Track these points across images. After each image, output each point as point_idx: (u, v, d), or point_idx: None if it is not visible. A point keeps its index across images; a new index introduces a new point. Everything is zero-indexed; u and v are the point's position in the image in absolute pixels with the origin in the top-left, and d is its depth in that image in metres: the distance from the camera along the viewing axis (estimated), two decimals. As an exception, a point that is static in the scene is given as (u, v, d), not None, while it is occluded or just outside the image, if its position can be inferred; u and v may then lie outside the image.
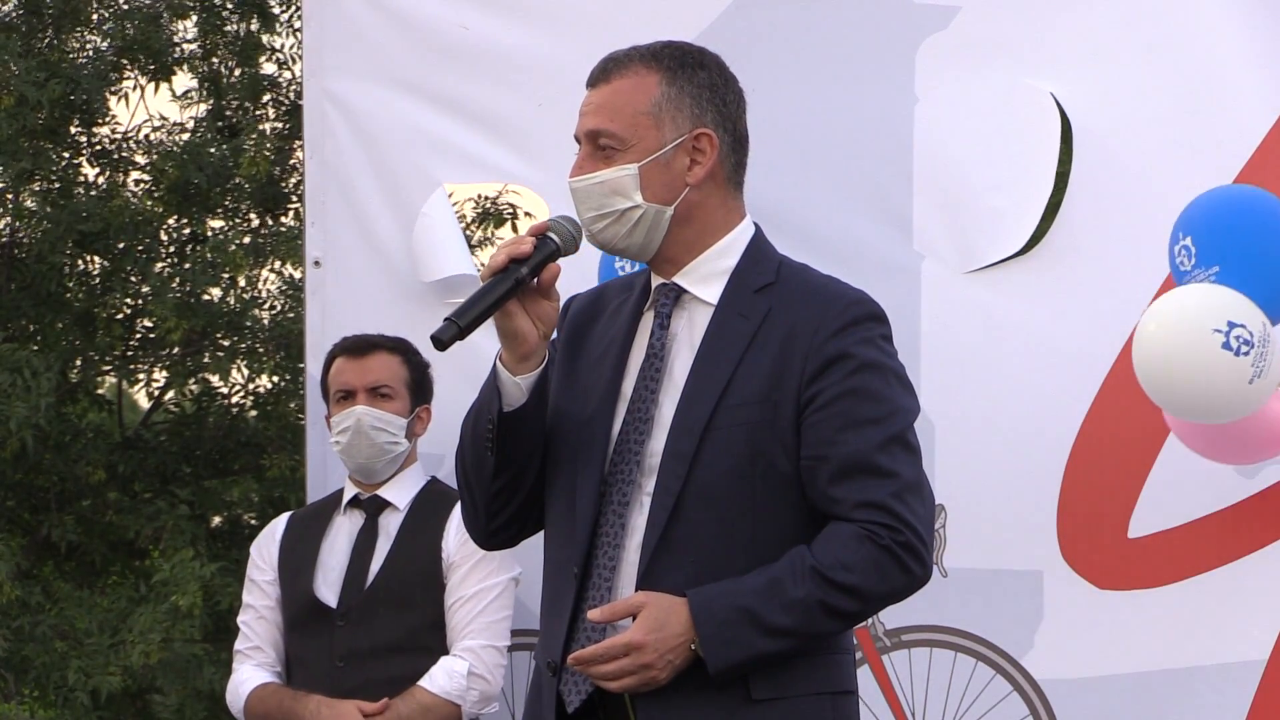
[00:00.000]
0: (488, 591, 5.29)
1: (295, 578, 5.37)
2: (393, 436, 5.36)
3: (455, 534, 5.29)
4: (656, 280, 3.64)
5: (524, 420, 3.55)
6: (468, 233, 10.93)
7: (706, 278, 3.61)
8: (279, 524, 5.54)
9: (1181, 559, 5.20)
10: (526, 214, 11.45)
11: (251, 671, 5.42)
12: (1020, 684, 5.30)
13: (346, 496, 5.43)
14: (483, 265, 3.60)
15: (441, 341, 3.46)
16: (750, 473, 3.50)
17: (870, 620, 5.32)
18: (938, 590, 5.27)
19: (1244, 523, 5.18)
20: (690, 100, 3.60)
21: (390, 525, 5.37)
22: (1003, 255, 5.38)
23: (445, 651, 5.28)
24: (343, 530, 5.40)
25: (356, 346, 5.42)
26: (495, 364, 3.56)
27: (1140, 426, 5.23)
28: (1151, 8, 5.36)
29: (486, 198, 11.30)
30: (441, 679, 5.24)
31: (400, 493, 5.40)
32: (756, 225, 3.71)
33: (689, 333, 3.59)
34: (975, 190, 5.40)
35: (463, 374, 5.37)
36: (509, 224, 11.44)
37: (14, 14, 10.70)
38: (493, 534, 3.68)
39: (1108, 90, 5.37)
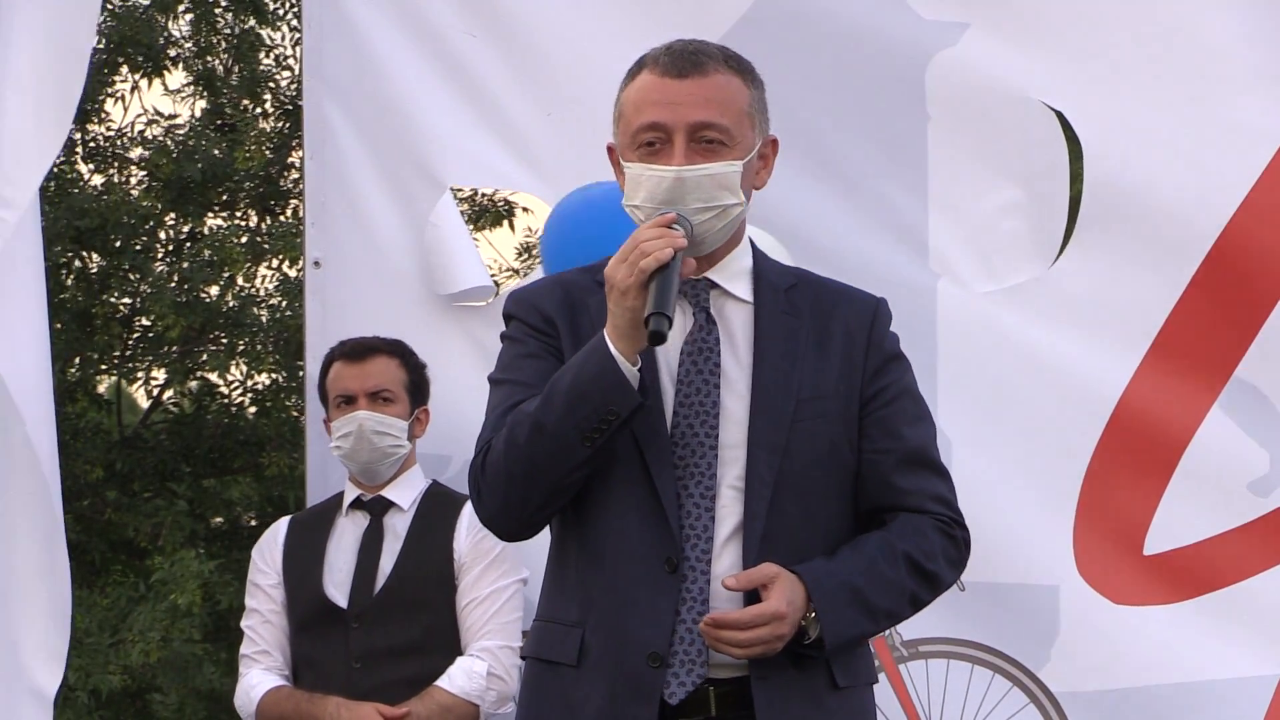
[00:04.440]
0: (501, 593, 5.30)
1: (302, 580, 5.37)
2: (395, 440, 5.37)
3: (466, 535, 5.31)
4: None
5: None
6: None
7: (735, 275, 3.67)
8: (280, 528, 5.51)
9: (1196, 575, 5.28)
10: (524, 209, 11.51)
11: (261, 675, 5.38)
12: (1037, 696, 5.37)
13: (348, 498, 5.43)
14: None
15: (663, 335, 3.44)
16: (829, 464, 3.60)
17: (888, 630, 5.36)
18: (956, 603, 5.30)
19: (1257, 540, 5.26)
20: (764, 107, 3.68)
21: (396, 526, 5.37)
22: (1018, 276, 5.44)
23: (458, 652, 5.29)
24: (347, 532, 5.40)
25: (355, 350, 5.41)
26: (610, 357, 3.48)
27: (1155, 445, 5.32)
28: (1162, 27, 5.41)
29: (485, 195, 11.34)
30: (460, 679, 5.24)
31: (404, 493, 5.40)
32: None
33: (726, 327, 3.64)
34: (990, 210, 5.47)
35: (460, 380, 5.44)
36: (507, 221, 11.51)
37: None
38: (533, 525, 3.62)
39: (1117, 110, 5.43)
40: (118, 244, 10.73)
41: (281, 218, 11.21)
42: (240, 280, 10.94)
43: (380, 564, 5.33)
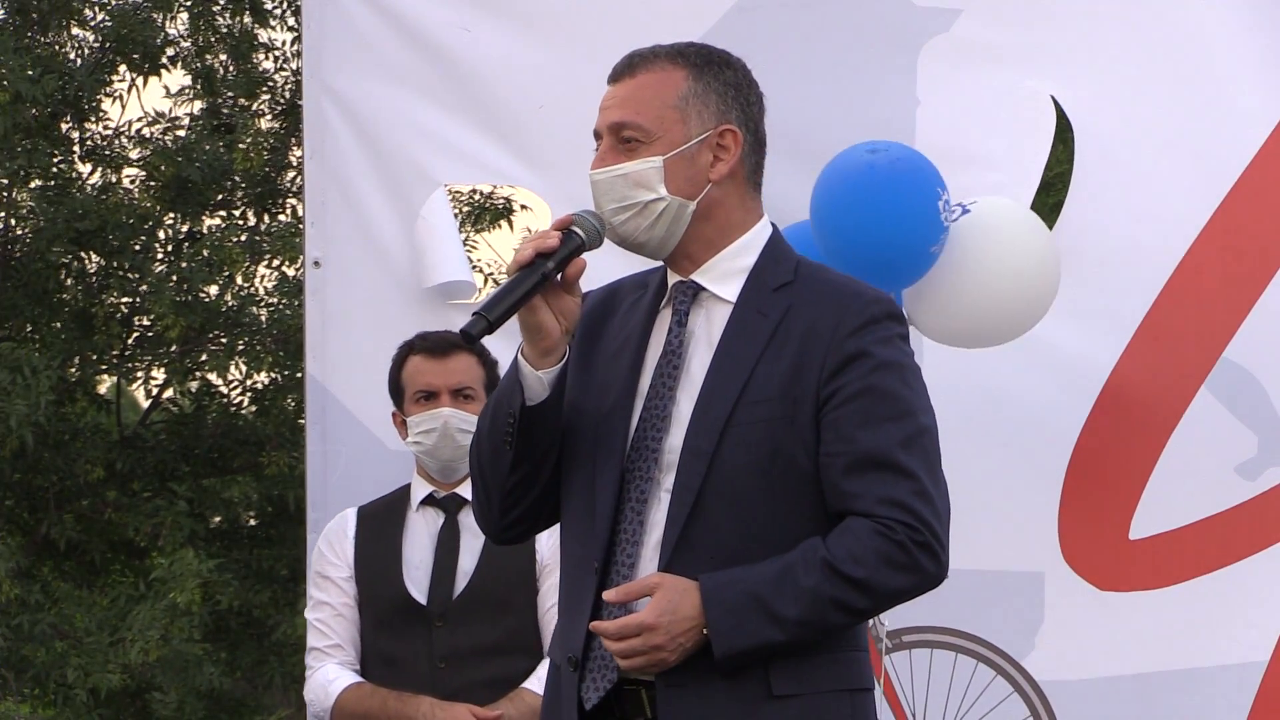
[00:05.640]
0: None
1: (380, 576, 5.26)
2: None
3: (549, 537, 5.06)
4: (673, 278, 3.63)
5: (544, 414, 3.55)
6: (463, 230, 10.98)
7: (725, 276, 3.60)
8: (348, 520, 5.37)
9: (1182, 561, 5.23)
10: (523, 207, 11.50)
11: (338, 670, 5.25)
12: (1021, 685, 5.32)
13: (419, 494, 5.31)
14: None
15: (471, 335, 3.46)
16: (770, 470, 3.49)
17: (871, 621, 5.29)
18: (939, 591, 5.22)
19: (1245, 524, 5.21)
20: (716, 97, 3.59)
21: (472, 524, 5.17)
22: (1005, 257, 5.41)
23: (539, 653, 5.17)
24: (420, 529, 5.29)
25: (438, 346, 5.29)
26: (517, 358, 3.55)
27: (1141, 428, 5.27)
28: (1153, 12, 5.39)
29: (483, 194, 11.34)
30: None
31: None
32: (774, 225, 3.70)
33: (707, 330, 3.59)
34: (978, 193, 5.42)
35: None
36: (505, 220, 11.50)
37: (2, 12, 10.72)
38: (506, 528, 3.67)
39: (1109, 93, 5.40)
40: (116, 244, 10.73)
41: (280, 217, 11.22)
42: (239, 280, 10.95)
43: (460, 563, 5.24)
